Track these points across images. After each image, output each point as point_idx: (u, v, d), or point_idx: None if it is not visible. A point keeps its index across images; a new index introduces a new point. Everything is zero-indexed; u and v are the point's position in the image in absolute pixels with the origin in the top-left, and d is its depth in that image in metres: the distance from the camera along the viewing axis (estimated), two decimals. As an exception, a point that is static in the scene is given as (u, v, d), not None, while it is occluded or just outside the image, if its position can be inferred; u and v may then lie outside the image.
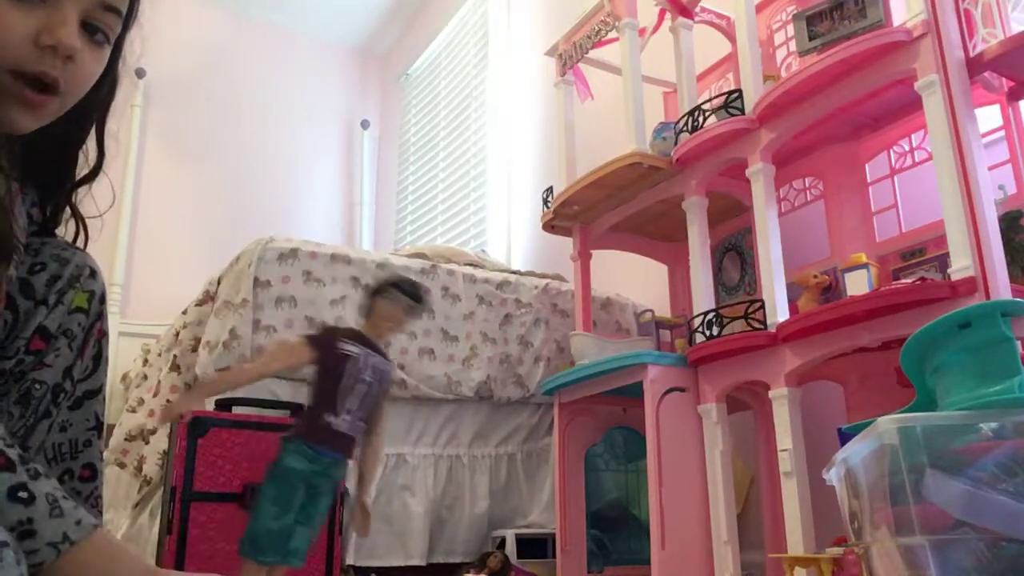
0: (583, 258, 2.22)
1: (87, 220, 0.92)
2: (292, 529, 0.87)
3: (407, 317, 0.97)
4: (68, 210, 0.91)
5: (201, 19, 4.52)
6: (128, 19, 0.80)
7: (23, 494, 0.63)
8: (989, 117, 1.55)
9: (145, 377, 2.80)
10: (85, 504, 0.86)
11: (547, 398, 2.25)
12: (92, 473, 0.88)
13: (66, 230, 0.90)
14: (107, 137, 0.89)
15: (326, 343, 0.94)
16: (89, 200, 0.93)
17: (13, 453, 0.65)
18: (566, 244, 2.33)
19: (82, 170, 0.90)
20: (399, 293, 0.96)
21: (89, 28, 0.74)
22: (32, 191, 0.86)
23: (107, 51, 0.78)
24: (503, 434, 2.39)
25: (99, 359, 0.90)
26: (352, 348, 0.94)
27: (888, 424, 0.83)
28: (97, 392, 0.89)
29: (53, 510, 0.64)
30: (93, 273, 0.88)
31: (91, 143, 0.89)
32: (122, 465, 2.44)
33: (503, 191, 3.61)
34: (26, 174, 0.81)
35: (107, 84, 0.85)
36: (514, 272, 2.65)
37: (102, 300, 0.89)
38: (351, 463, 0.98)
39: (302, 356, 0.94)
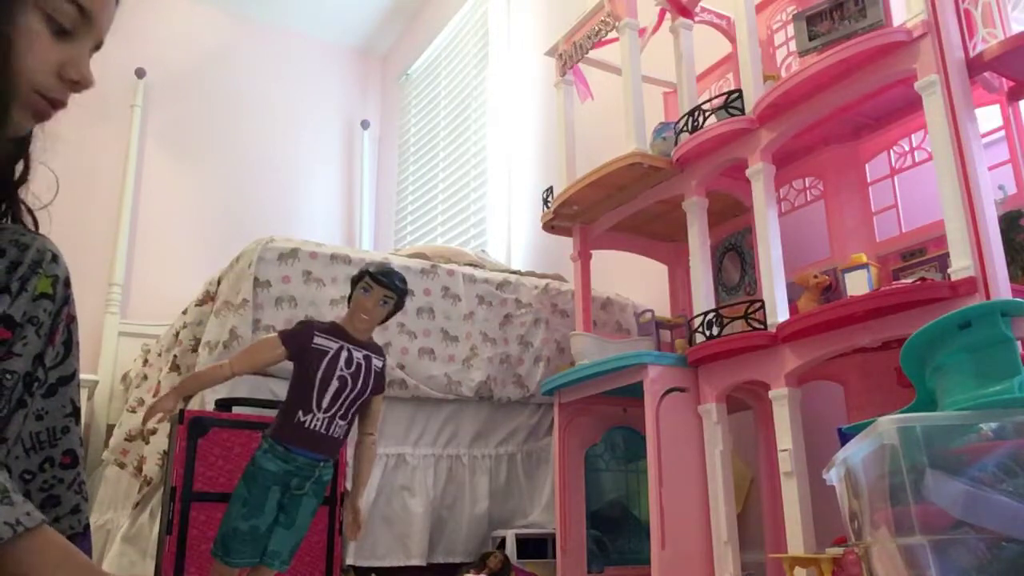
0: (583, 258, 2.22)
1: (34, 211, 0.92)
2: (267, 531, 0.84)
3: (381, 308, 0.94)
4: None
5: (201, 19, 4.52)
6: None
7: None
8: (989, 117, 1.55)
9: (145, 377, 2.80)
10: (68, 490, 0.85)
11: (547, 398, 2.25)
12: (72, 459, 0.88)
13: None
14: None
15: (300, 338, 0.90)
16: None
17: None
18: (566, 244, 2.33)
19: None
20: (372, 282, 0.94)
21: None
22: None
23: None
24: (503, 434, 2.39)
25: (70, 344, 0.88)
26: (326, 342, 0.90)
27: (888, 424, 0.83)
28: (71, 378, 0.88)
29: (3, 499, 0.64)
30: (55, 257, 0.86)
31: None
32: (122, 465, 2.44)
33: (503, 191, 3.61)
34: None
35: None
36: (514, 272, 2.65)
37: (67, 284, 0.87)
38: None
39: (276, 352, 0.90)
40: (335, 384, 0.89)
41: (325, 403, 0.88)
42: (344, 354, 0.90)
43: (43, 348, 0.83)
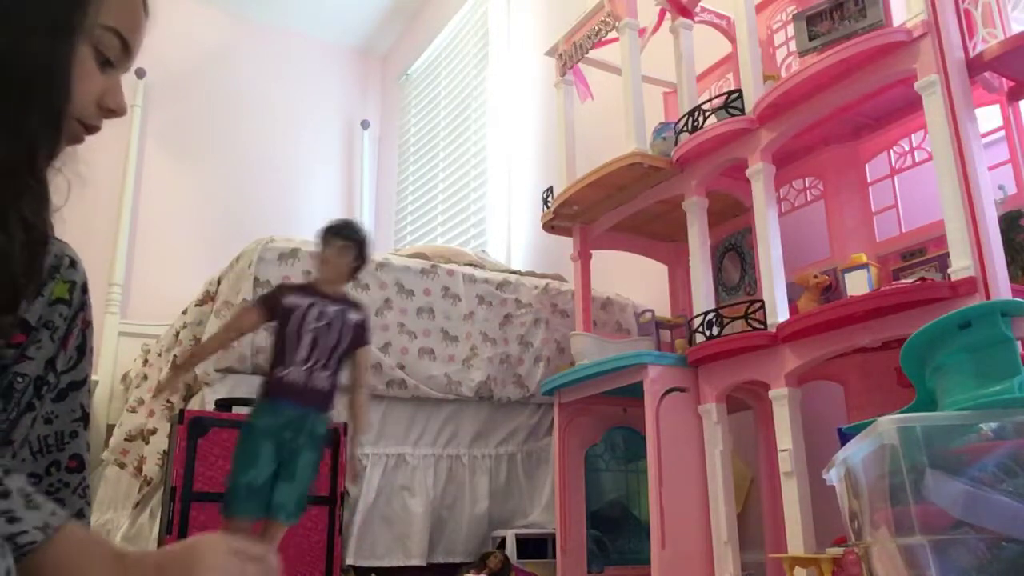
0: (583, 258, 2.22)
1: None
2: (267, 483, 0.87)
3: (340, 259, 0.98)
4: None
5: (201, 19, 4.52)
6: None
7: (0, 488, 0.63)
8: (989, 117, 1.55)
9: (145, 377, 2.80)
10: (73, 495, 0.86)
11: (547, 398, 2.25)
12: (79, 464, 0.87)
13: None
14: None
15: (271, 300, 0.95)
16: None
17: None
18: (566, 244, 2.33)
19: None
20: (329, 235, 0.98)
21: None
22: None
23: None
24: (503, 434, 2.39)
25: (83, 349, 0.88)
26: (296, 300, 0.94)
27: (888, 424, 0.83)
28: (82, 383, 0.88)
29: (29, 503, 0.65)
30: (73, 263, 0.86)
31: None
32: (122, 465, 2.44)
33: (503, 191, 3.61)
34: None
35: None
36: (514, 272, 2.65)
37: (84, 290, 0.87)
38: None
39: (252, 317, 0.95)
40: (308, 337, 0.92)
41: (301, 356, 0.91)
42: (315, 310, 0.93)
43: (56, 352, 0.83)
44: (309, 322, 0.93)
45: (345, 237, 0.99)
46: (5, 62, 0.68)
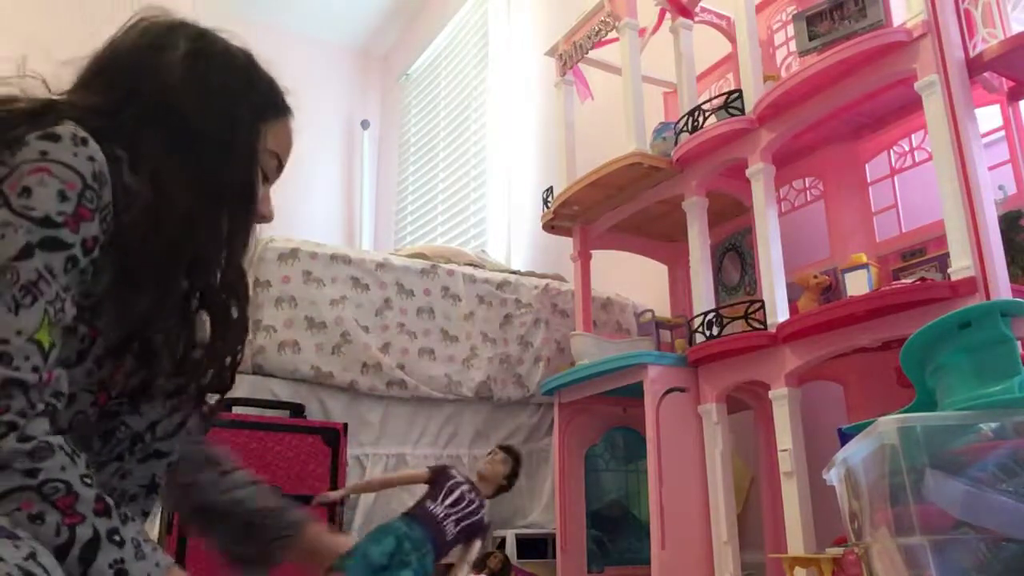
0: (583, 258, 2.22)
1: None
2: (376, 569, 0.99)
3: (502, 467, 1.21)
4: None
5: (201, 19, 4.51)
6: None
7: (117, 537, 0.68)
8: (989, 117, 1.55)
9: (145, 377, 2.80)
10: None
11: (547, 398, 2.25)
12: None
13: None
14: None
15: (442, 469, 1.17)
16: None
17: (109, 499, 0.70)
18: (566, 244, 2.33)
19: None
20: (503, 451, 1.22)
21: None
22: None
23: None
24: (503, 434, 2.38)
25: (182, 426, 0.91)
26: (457, 474, 1.16)
27: (888, 424, 0.83)
28: (166, 455, 0.90)
29: (138, 553, 0.70)
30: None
31: None
32: (122, 465, 2.44)
33: (503, 191, 3.60)
34: None
35: None
36: (514, 272, 2.65)
37: None
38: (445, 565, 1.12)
39: (423, 474, 1.17)
40: (457, 494, 1.12)
41: (447, 502, 1.11)
42: (467, 486, 1.14)
43: (161, 418, 0.86)
44: (461, 488, 1.13)
45: (512, 456, 1.22)
46: (215, 186, 0.83)
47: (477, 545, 1.14)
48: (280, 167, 0.96)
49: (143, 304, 0.77)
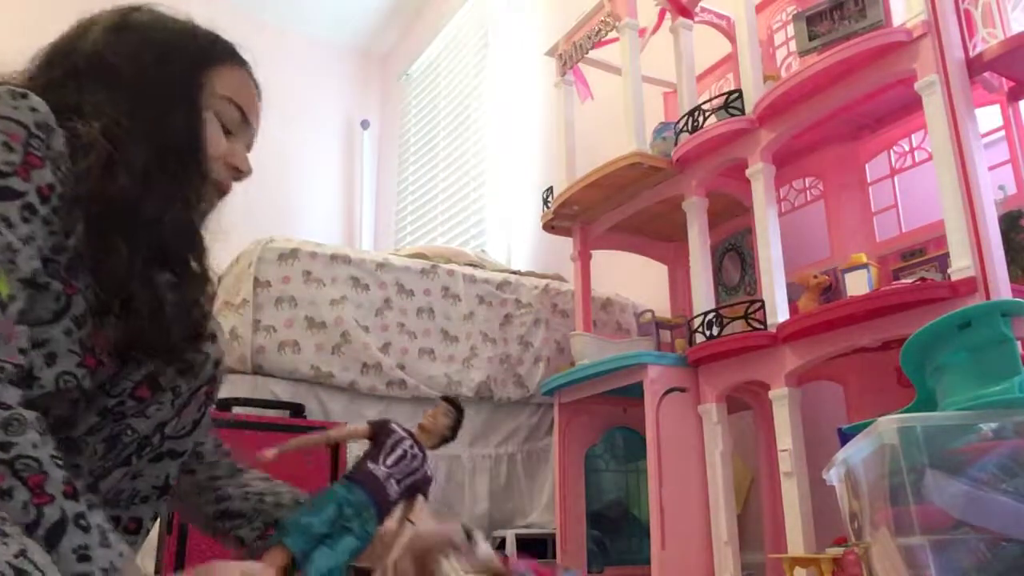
0: (583, 258, 2.22)
1: None
2: (318, 538, 0.94)
3: (444, 420, 1.17)
4: None
5: (200, 19, 4.50)
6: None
7: (83, 522, 0.67)
8: (989, 117, 1.55)
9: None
10: None
11: (547, 398, 2.25)
12: (137, 527, 0.90)
13: None
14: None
15: (382, 423, 1.12)
16: None
17: (77, 483, 0.68)
18: (566, 244, 2.33)
19: None
20: (447, 403, 1.19)
21: None
22: None
23: None
24: (503, 434, 2.38)
25: (197, 424, 0.92)
26: (399, 429, 1.11)
27: (888, 424, 0.83)
28: (180, 455, 0.90)
29: (103, 540, 0.68)
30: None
31: None
32: (122, 465, 2.44)
33: (503, 191, 3.60)
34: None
35: None
36: (514, 272, 2.65)
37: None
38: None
39: (363, 430, 1.12)
40: (399, 451, 1.07)
41: (388, 461, 1.05)
42: (409, 441, 1.10)
43: (170, 418, 0.86)
44: (404, 445, 1.09)
45: (455, 405, 1.19)
46: (160, 135, 0.82)
47: (420, 500, 1.11)
48: (246, 120, 0.96)
49: (115, 260, 0.77)
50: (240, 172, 0.94)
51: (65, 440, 0.78)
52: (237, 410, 1.84)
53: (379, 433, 1.10)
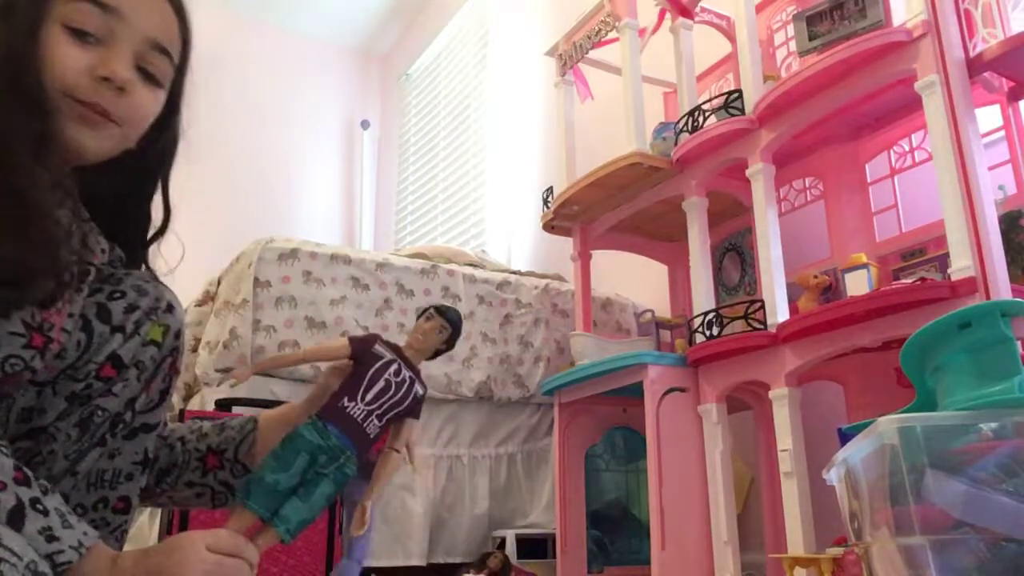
0: (583, 258, 2.22)
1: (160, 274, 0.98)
2: (286, 492, 0.88)
3: (437, 336, 1.04)
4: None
5: (200, 18, 4.50)
6: (182, 66, 0.90)
7: (40, 507, 0.66)
8: (989, 117, 1.55)
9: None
10: (111, 535, 0.86)
11: (547, 398, 2.25)
12: (126, 506, 0.89)
13: None
14: (171, 192, 0.98)
15: (365, 341, 1.00)
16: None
17: (27, 470, 0.68)
18: (566, 244, 2.33)
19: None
20: (435, 312, 1.04)
21: (141, 71, 0.81)
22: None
23: (161, 94, 0.86)
24: (503, 434, 2.38)
25: (165, 394, 0.90)
26: (384, 351, 0.99)
27: (888, 424, 0.83)
28: (154, 427, 0.89)
29: (64, 522, 0.68)
30: (171, 307, 0.89)
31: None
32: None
33: (503, 191, 3.60)
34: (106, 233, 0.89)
35: (168, 135, 0.93)
36: (514, 272, 2.65)
37: (177, 335, 0.90)
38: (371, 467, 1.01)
39: (342, 348, 1.00)
40: (381, 384, 0.97)
41: (368, 397, 0.96)
42: (395, 366, 0.99)
43: (139, 393, 0.85)
44: (388, 373, 0.98)
45: (449, 321, 1.04)
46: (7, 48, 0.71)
47: (408, 424, 1.01)
48: (111, 13, 0.77)
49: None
50: (109, 82, 0.76)
51: (37, 429, 0.78)
52: (237, 410, 1.83)
53: (362, 356, 0.99)
